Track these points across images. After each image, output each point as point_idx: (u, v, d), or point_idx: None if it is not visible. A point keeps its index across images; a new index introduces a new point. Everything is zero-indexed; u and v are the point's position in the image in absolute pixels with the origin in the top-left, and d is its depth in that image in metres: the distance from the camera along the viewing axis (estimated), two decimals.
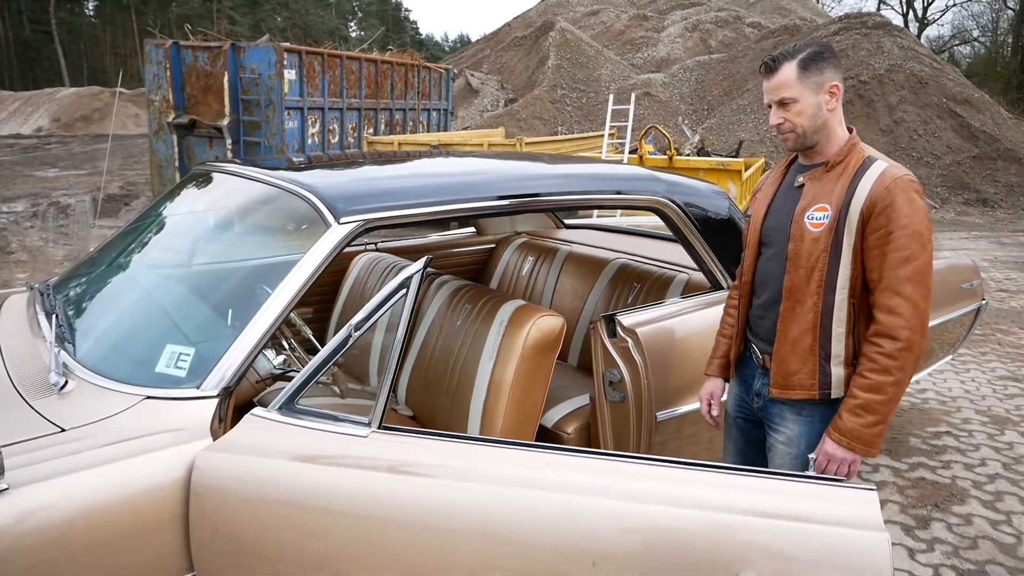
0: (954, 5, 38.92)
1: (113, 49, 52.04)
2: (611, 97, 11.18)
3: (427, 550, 1.28)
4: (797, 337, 1.71)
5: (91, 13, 53.87)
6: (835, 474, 1.63)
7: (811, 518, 1.14)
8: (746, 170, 10.03)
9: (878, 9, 38.00)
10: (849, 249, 1.64)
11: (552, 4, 27.75)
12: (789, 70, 1.67)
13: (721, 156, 11.09)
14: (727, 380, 2.02)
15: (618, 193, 2.32)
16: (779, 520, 1.15)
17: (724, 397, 2.03)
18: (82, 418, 1.49)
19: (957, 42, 41.43)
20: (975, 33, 40.55)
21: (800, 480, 1.20)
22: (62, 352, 1.70)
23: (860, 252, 1.64)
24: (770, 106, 1.74)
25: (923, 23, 38.54)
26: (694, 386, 2.21)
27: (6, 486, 1.28)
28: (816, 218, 1.68)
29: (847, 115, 14.07)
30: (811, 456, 1.55)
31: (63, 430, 1.46)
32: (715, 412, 2.00)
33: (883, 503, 3.05)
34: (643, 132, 10.41)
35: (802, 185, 1.76)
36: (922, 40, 34.70)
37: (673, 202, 2.41)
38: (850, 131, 1.77)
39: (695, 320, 2.29)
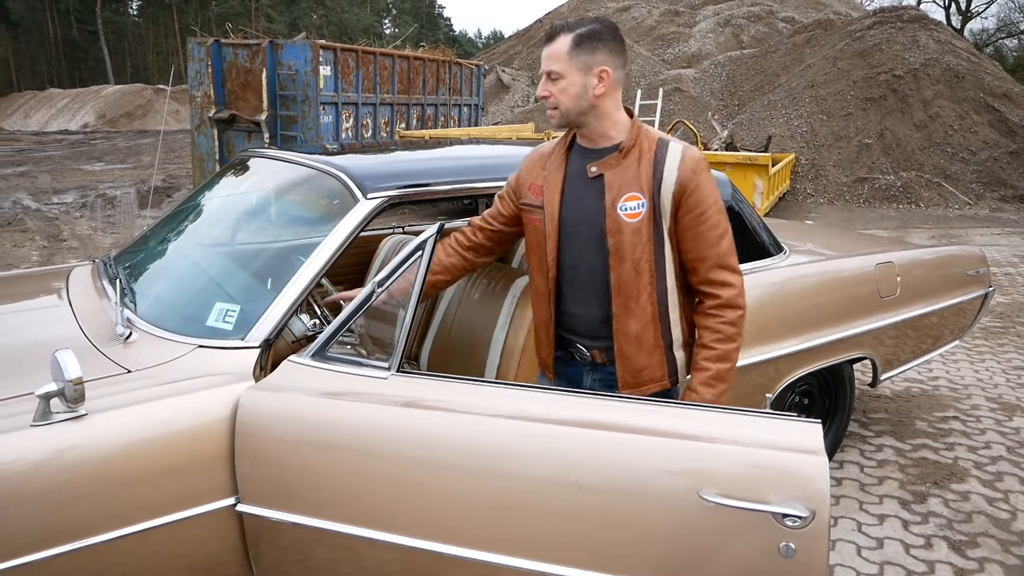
0: None
1: (156, 47, 53.48)
2: (639, 92, 11.29)
3: (434, 470, 1.50)
4: (639, 332, 1.68)
5: (135, 13, 55.44)
6: None
7: (761, 444, 1.32)
8: (773, 165, 10.08)
9: (918, 3, 37.22)
10: (667, 234, 1.65)
11: (584, 0, 27.80)
12: (563, 44, 1.61)
13: (750, 151, 11.14)
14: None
15: None
16: (734, 446, 1.33)
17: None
18: (144, 362, 1.73)
19: (1002, 35, 40.38)
20: (1022, 26, 39.50)
21: (754, 414, 1.38)
22: (125, 309, 1.94)
23: (675, 235, 1.66)
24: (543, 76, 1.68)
25: (966, 16, 37.61)
26: None
27: (85, 412, 1.52)
28: (630, 208, 1.63)
29: (881, 109, 13.94)
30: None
31: (129, 371, 1.70)
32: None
33: (882, 480, 3.18)
34: (671, 127, 10.51)
35: (599, 175, 1.68)
36: (966, 34, 33.91)
37: None
38: (630, 114, 1.73)
39: None
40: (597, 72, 1.61)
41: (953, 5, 37.31)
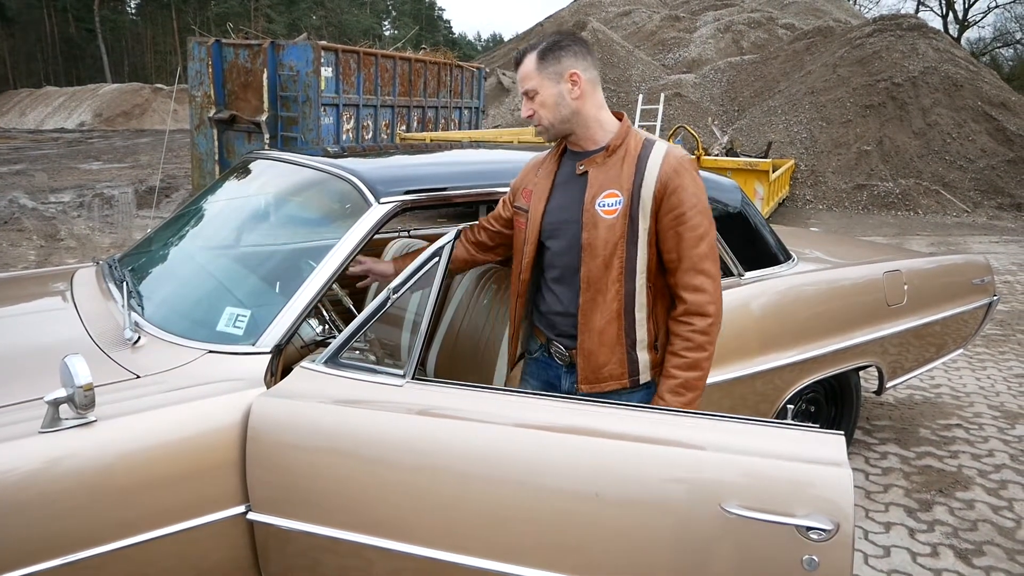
0: (996, 7, 38.20)
1: (154, 47, 53.36)
2: (640, 97, 11.31)
3: (450, 479, 1.48)
4: (603, 327, 1.69)
5: (133, 11, 55.34)
6: None
7: (784, 456, 1.31)
8: (774, 171, 10.10)
9: (916, 11, 37.44)
10: (645, 233, 1.64)
11: (584, 4, 27.84)
12: (530, 62, 1.68)
13: (750, 157, 11.17)
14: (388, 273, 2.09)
15: None
16: (757, 457, 1.32)
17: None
18: (154, 367, 1.71)
19: (999, 45, 40.63)
20: (1018, 35, 39.77)
21: (776, 425, 1.37)
22: (133, 313, 1.92)
23: (655, 235, 1.66)
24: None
25: (963, 25, 37.83)
26: None
27: (95, 419, 1.50)
28: (608, 204, 1.65)
29: (880, 116, 13.98)
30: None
31: (138, 376, 1.68)
32: (365, 280, 2.12)
33: (887, 488, 3.17)
34: (671, 132, 10.52)
35: (584, 173, 1.72)
36: (962, 42, 34.08)
37: None
38: (620, 117, 1.76)
39: None
40: (568, 77, 1.67)
41: (951, 14, 37.54)
